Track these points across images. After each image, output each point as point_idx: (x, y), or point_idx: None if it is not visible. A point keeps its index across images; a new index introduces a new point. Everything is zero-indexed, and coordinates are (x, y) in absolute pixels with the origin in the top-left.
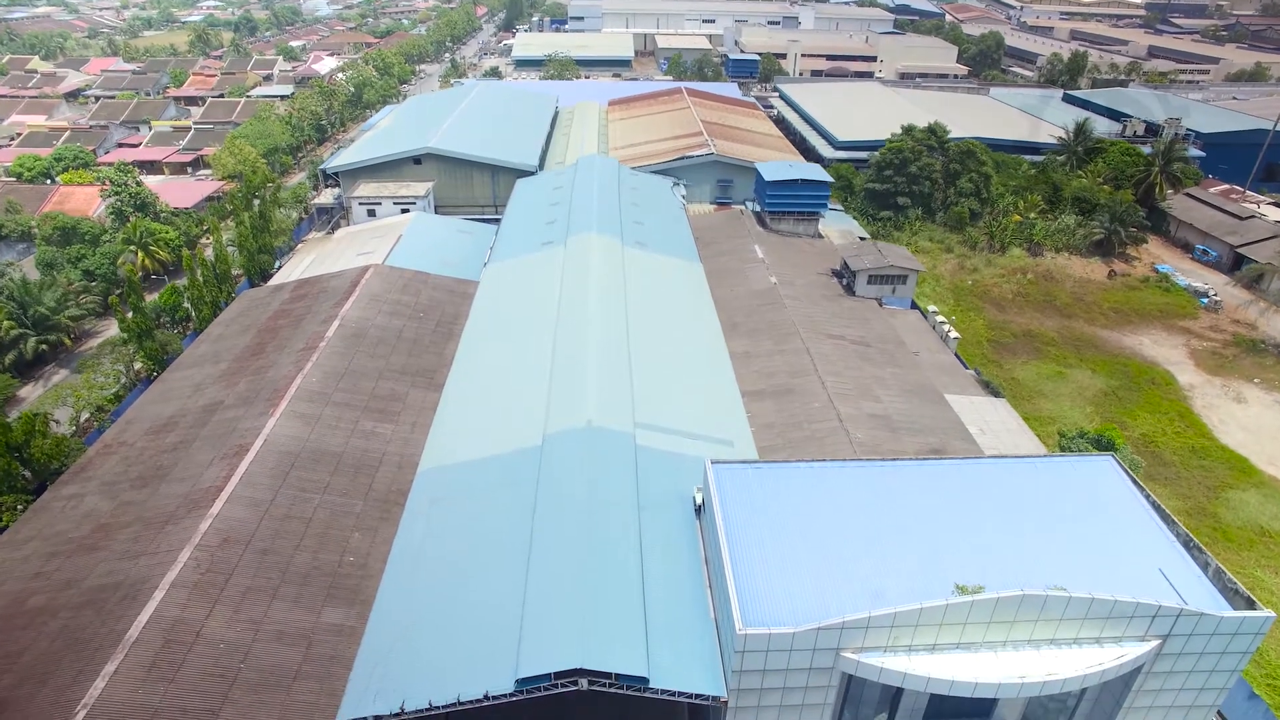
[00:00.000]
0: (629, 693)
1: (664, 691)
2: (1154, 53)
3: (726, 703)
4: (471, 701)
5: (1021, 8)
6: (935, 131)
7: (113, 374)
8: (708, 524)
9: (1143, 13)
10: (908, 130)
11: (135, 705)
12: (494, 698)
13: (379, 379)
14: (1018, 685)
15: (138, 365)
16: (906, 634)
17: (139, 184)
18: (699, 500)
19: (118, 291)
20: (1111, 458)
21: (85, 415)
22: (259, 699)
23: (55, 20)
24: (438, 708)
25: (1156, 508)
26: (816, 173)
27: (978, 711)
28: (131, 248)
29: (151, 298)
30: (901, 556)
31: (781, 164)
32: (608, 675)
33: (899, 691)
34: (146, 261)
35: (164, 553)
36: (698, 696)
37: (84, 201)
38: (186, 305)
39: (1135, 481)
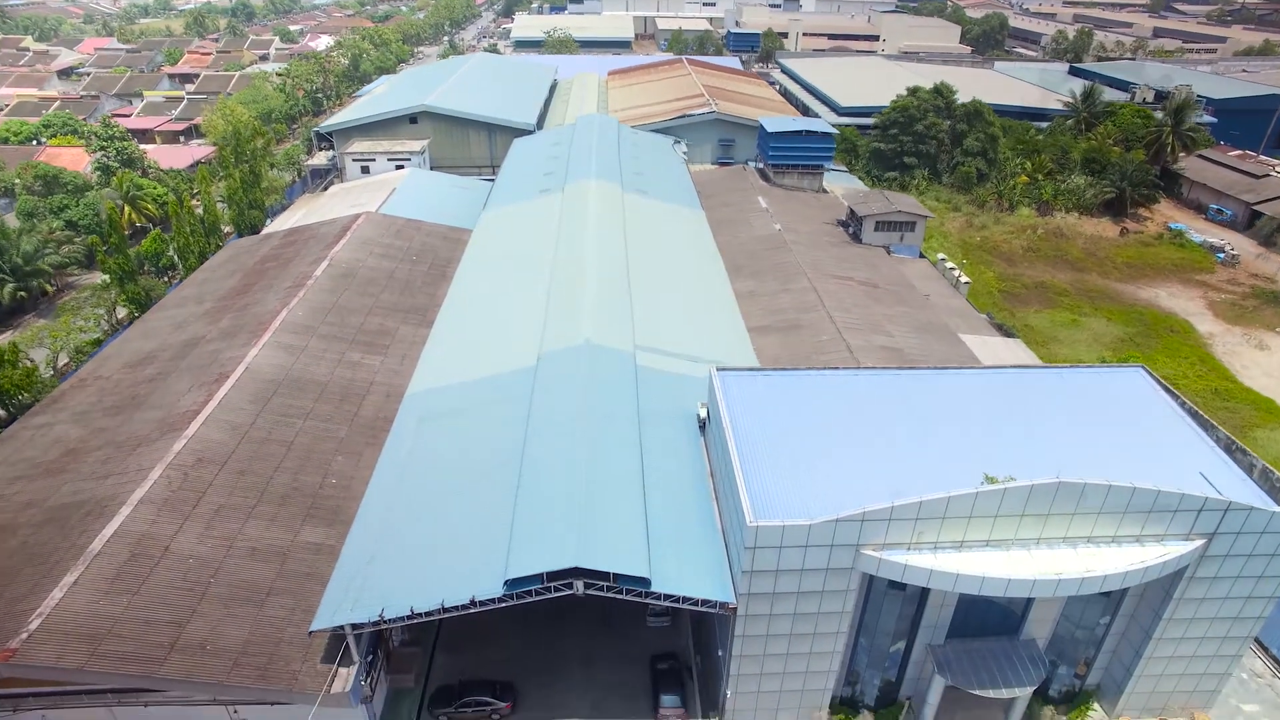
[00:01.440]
0: (629, 598)
1: (667, 597)
2: (1159, 34)
3: (735, 610)
4: (457, 608)
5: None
6: (941, 92)
7: (93, 318)
8: (713, 432)
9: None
10: (913, 91)
11: (95, 615)
12: (481, 603)
13: (368, 315)
14: (1054, 582)
15: (121, 312)
16: (932, 529)
17: (125, 139)
18: (703, 414)
19: (104, 248)
20: (1142, 368)
21: (64, 359)
22: (229, 613)
23: (50, 7)
24: (420, 615)
25: (1194, 414)
26: (821, 125)
27: (1006, 626)
28: (116, 201)
29: (138, 250)
30: (923, 456)
31: (785, 118)
32: (605, 576)
33: (921, 603)
34: (134, 216)
35: (134, 472)
36: (704, 604)
37: (71, 161)
38: (172, 254)
39: (1169, 390)
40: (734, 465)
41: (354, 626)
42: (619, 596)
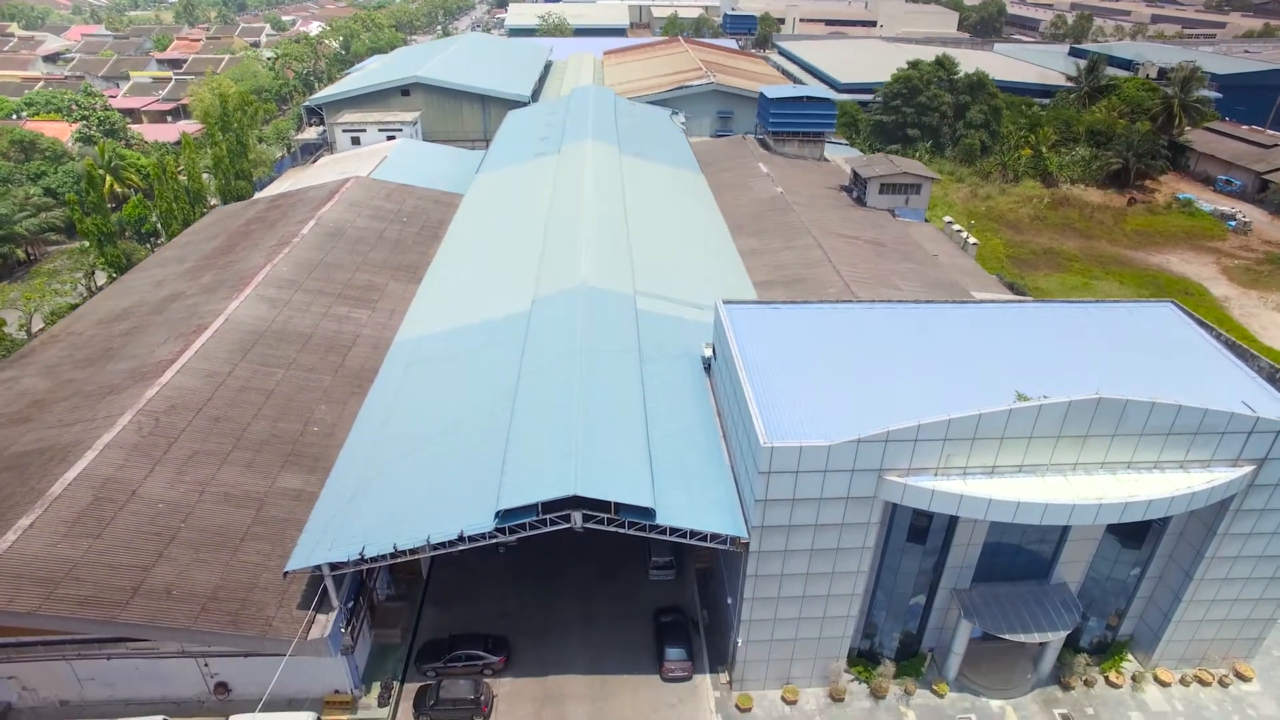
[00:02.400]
0: (632, 533)
1: (673, 531)
2: (1158, 20)
3: (748, 545)
4: (445, 545)
5: None
6: (943, 64)
7: (70, 281)
8: (721, 365)
9: (1140, 3)
10: (914, 64)
11: (52, 558)
12: (471, 539)
13: (356, 271)
14: (1094, 508)
15: (101, 278)
16: (961, 452)
17: (107, 108)
18: (709, 354)
19: (81, 208)
20: (1172, 303)
21: (39, 324)
22: (199, 557)
23: None
24: (404, 553)
25: (1232, 345)
26: (821, 92)
27: (1035, 570)
28: (97, 163)
29: (120, 216)
30: (946, 384)
31: (785, 86)
32: (606, 508)
33: (946, 542)
34: (116, 185)
35: (102, 419)
36: (714, 539)
37: (53, 135)
38: (155, 221)
39: (1202, 323)
40: (744, 390)
41: (333, 567)
42: (621, 531)
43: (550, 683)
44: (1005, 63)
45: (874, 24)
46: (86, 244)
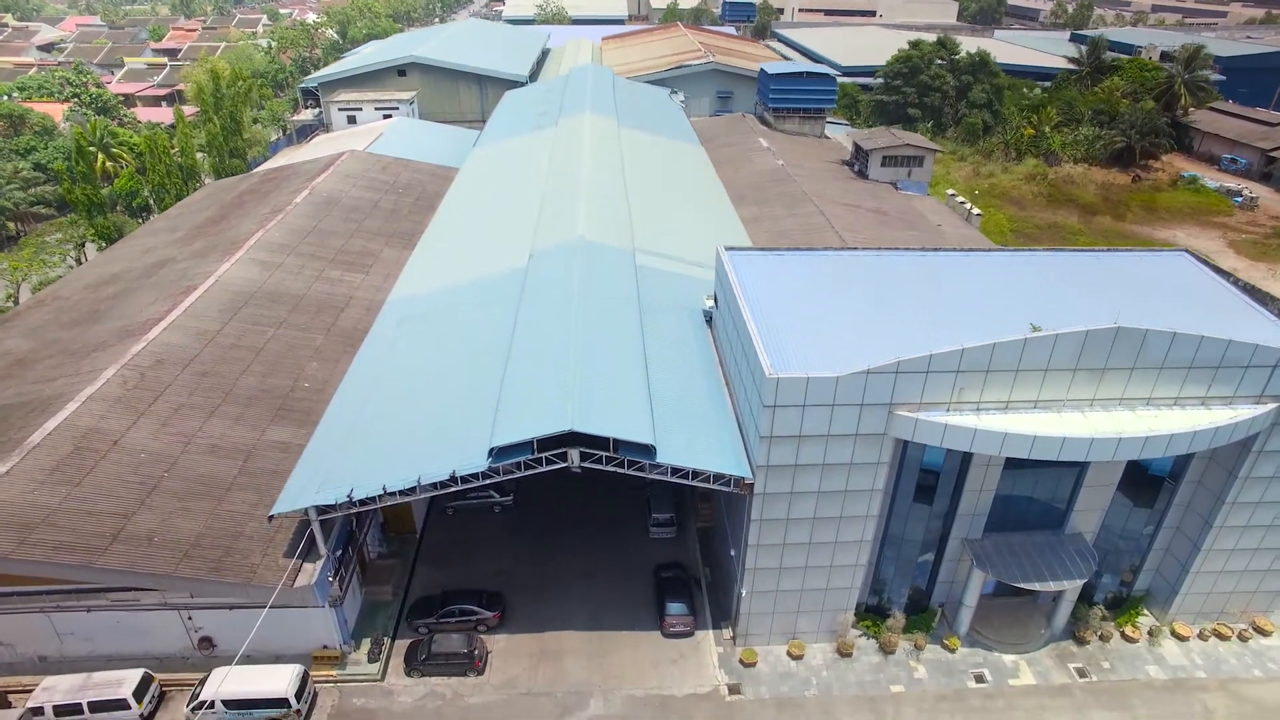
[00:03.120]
0: (632, 473)
1: (675, 471)
2: (1158, 9)
3: (752, 486)
4: (436, 485)
5: None
6: (945, 44)
7: (59, 253)
8: (723, 310)
9: None
10: (915, 44)
11: (28, 504)
12: (464, 478)
13: (350, 238)
14: (1114, 442)
15: (91, 251)
16: (975, 385)
17: (99, 86)
18: (710, 306)
19: (70, 177)
20: (1185, 251)
21: (27, 295)
22: (183, 506)
23: None
24: (393, 494)
25: (1249, 289)
26: (822, 69)
27: (1049, 520)
28: (88, 135)
29: (112, 189)
30: (957, 324)
31: (785, 63)
32: (604, 445)
33: (957, 487)
34: (107, 164)
35: (86, 373)
36: (717, 479)
37: (43, 112)
38: (146, 194)
39: (1218, 269)
40: (748, 324)
41: (320, 510)
42: (620, 471)
43: (547, 639)
44: (1006, 48)
45: (873, 14)
46: (75, 216)
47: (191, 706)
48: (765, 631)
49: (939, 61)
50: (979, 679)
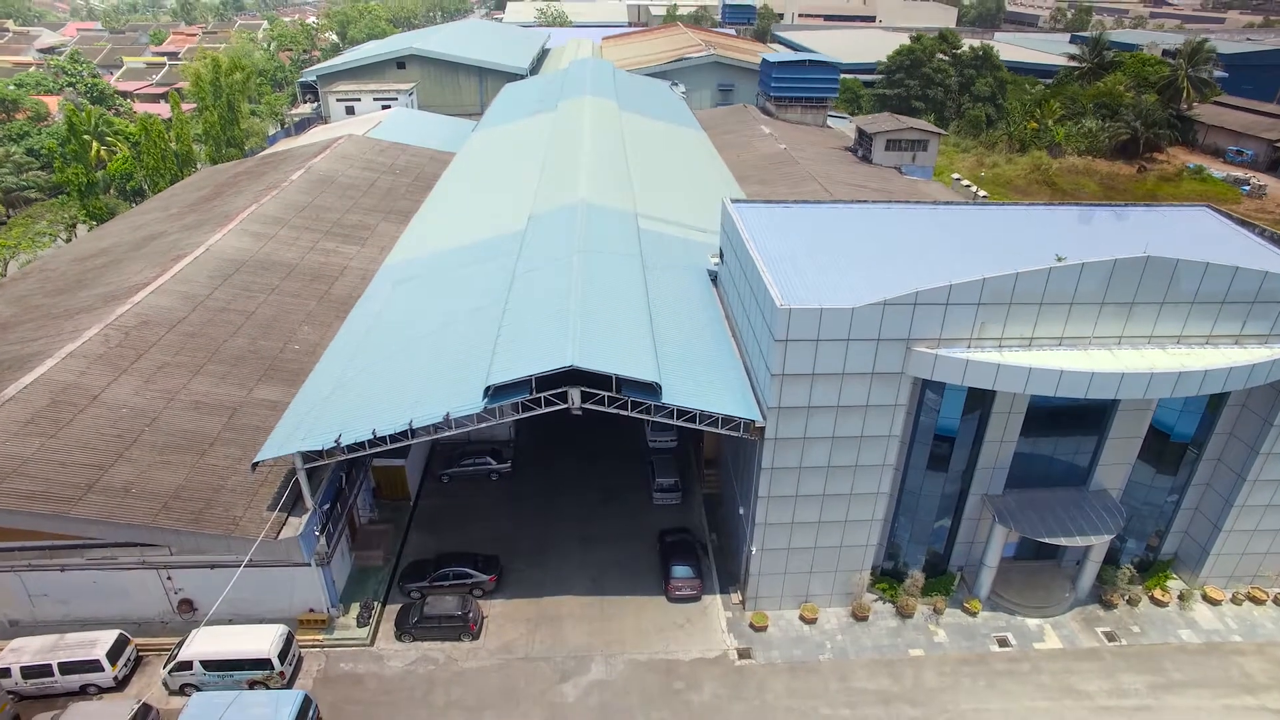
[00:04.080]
0: (636, 415)
1: (681, 414)
2: (1156, 16)
3: (762, 430)
4: (429, 429)
5: None
6: (946, 38)
7: (50, 233)
8: (730, 255)
9: (1136, 3)
10: (917, 38)
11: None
12: (458, 420)
13: (346, 213)
14: (1145, 377)
15: (83, 231)
16: (997, 319)
17: (95, 76)
18: (716, 264)
19: (62, 155)
20: (1208, 207)
21: (15, 267)
22: (162, 459)
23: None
24: (383, 440)
25: (1276, 239)
26: (823, 57)
27: (1072, 476)
28: (86, 133)
29: (106, 172)
30: (979, 261)
31: (787, 53)
32: (606, 385)
33: (978, 435)
34: (102, 153)
35: (67, 333)
36: (725, 423)
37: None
38: (140, 178)
39: (1243, 222)
40: (757, 264)
41: (306, 458)
42: (624, 413)
43: (546, 603)
44: (1007, 47)
45: (873, 19)
46: (66, 198)
47: (169, 668)
48: (776, 594)
49: (941, 55)
50: (1002, 643)
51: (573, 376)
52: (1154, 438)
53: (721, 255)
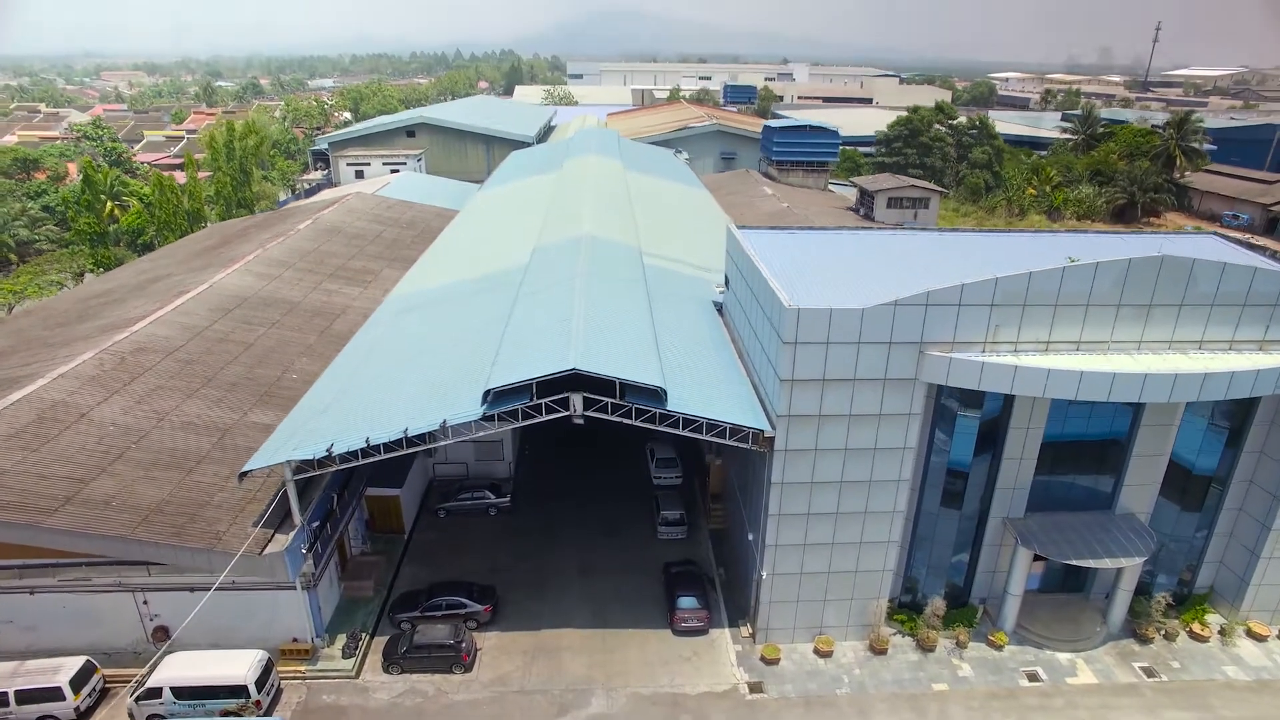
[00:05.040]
0: (641, 424)
1: (688, 424)
2: (1142, 99)
3: (772, 441)
4: (424, 438)
5: (1006, 79)
6: (943, 109)
7: (58, 280)
8: (736, 277)
9: (1121, 88)
10: (914, 110)
11: None
12: (455, 428)
13: (350, 259)
14: (1169, 379)
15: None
16: (1011, 322)
17: (115, 141)
18: (721, 294)
19: (76, 207)
20: (1215, 234)
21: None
22: (146, 474)
23: (67, 89)
24: (377, 449)
25: None
26: (824, 123)
27: (1096, 499)
28: (102, 190)
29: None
30: (990, 272)
31: (788, 119)
32: (610, 391)
33: (996, 453)
34: (116, 211)
35: (61, 358)
36: (733, 434)
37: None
38: (151, 233)
39: (1252, 247)
40: (763, 273)
41: (296, 470)
42: (627, 421)
43: (544, 636)
44: (1001, 123)
45: (869, 101)
46: (76, 248)
47: (135, 696)
48: (789, 625)
49: (938, 125)
50: (1032, 677)
51: (575, 382)
52: (1183, 441)
53: (727, 282)
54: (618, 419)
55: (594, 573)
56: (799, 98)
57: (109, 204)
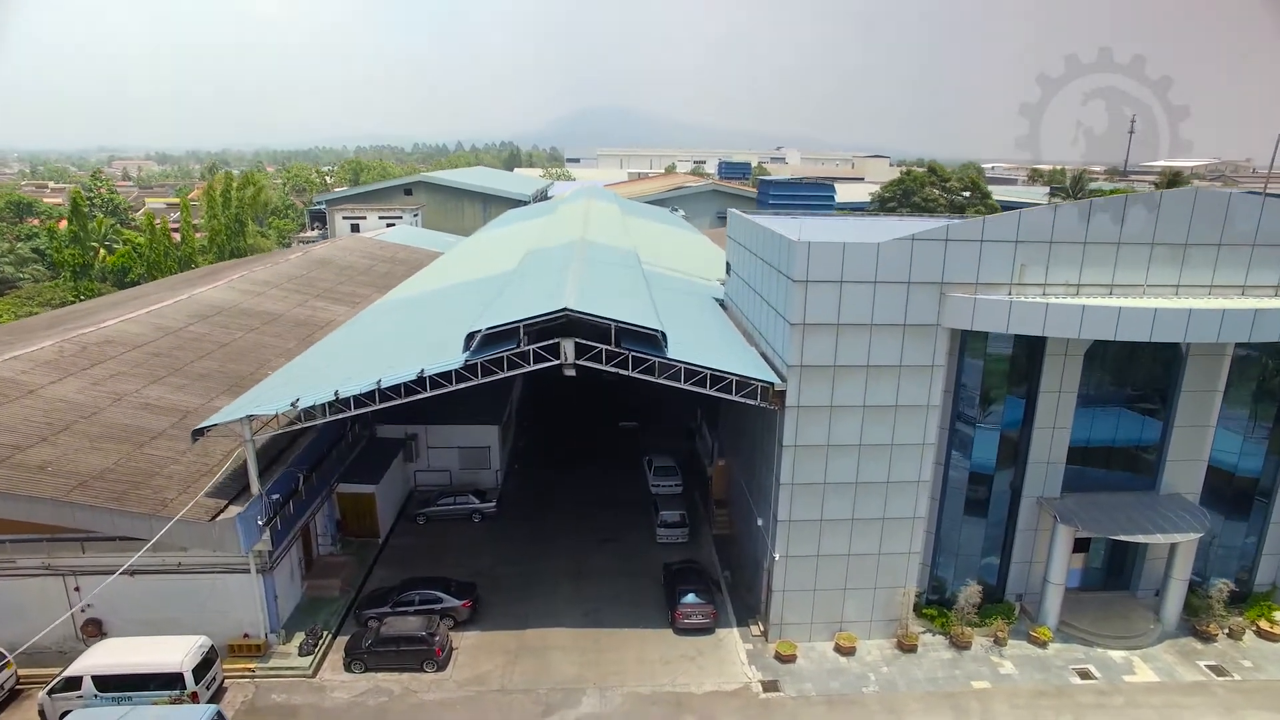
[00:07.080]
0: (637, 375)
1: (690, 377)
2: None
3: (783, 395)
4: (400, 390)
5: (994, 166)
6: (936, 171)
7: (38, 312)
8: (737, 249)
9: (1101, 178)
10: (906, 172)
11: None
12: (435, 377)
13: (339, 284)
14: (1216, 317)
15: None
16: (1039, 261)
17: (113, 192)
18: (723, 281)
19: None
20: None
21: None
22: (92, 445)
23: (79, 174)
24: (346, 402)
25: None
26: (819, 179)
27: (1137, 479)
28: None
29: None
30: None
31: (782, 177)
32: (604, 336)
33: (1027, 416)
34: (109, 259)
35: (20, 347)
36: (740, 388)
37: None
38: (140, 273)
39: None
40: (768, 227)
41: (255, 426)
42: (622, 372)
43: (529, 635)
44: (993, 189)
45: (860, 180)
46: (60, 280)
47: (50, 689)
48: (805, 620)
49: (931, 185)
50: (1084, 675)
51: (567, 328)
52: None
53: (729, 269)
54: (613, 369)
55: (588, 576)
56: (791, 178)
57: (101, 253)
